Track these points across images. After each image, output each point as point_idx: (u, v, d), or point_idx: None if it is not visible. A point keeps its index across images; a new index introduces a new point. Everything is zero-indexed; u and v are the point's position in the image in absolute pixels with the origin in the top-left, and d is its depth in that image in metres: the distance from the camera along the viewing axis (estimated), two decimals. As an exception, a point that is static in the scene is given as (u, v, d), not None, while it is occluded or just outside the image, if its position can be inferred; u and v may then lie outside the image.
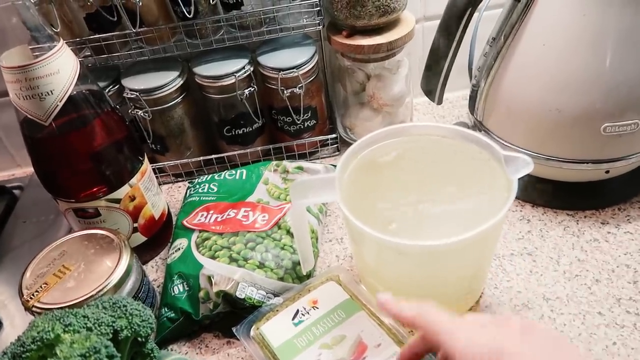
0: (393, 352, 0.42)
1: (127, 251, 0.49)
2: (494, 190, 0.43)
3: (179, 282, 0.51)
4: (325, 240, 0.59)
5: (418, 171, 0.49)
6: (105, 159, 0.52)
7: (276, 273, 0.50)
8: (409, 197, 0.47)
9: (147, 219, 0.57)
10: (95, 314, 0.38)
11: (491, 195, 0.43)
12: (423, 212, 0.46)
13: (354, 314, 0.45)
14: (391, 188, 0.48)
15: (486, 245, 0.43)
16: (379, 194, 0.48)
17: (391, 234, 0.40)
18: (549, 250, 0.53)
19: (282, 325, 0.45)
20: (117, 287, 0.47)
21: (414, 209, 0.46)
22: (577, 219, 0.56)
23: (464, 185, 0.47)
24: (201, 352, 0.49)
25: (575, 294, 0.49)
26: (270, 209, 0.56)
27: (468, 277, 0.45)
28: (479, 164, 0.46)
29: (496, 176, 0.44)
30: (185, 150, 0.69)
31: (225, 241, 0.52)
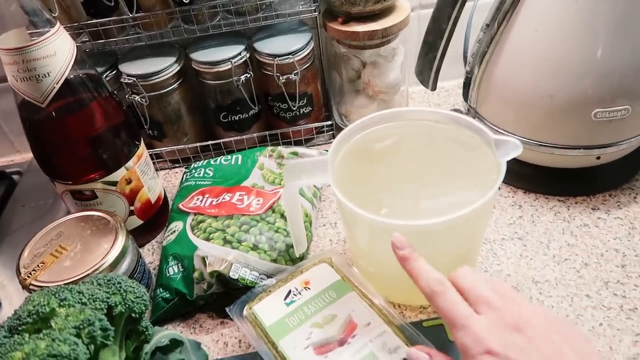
0: (382, 330, 0.43)
1: (122, 232, 0.50)
2: (485, 174, 0.44)
3: (173, 264, 0.51)
4: (319, 225, 0.59)
5: (410, 155, 0.49)
6: (102, 142, 0.52)
7: (269, 255, 0.51)
8: (401, 180, 0.48)
9: (143, 203, 0.58)
10: (90, 290, 0.39)
11: (481, 179, 0.44)
12: (415, 195, 0.47)
13: (345, 294, 0.46)
14: (384, 171, 0.49)
15: (476, 225, 0.44)
16: (372, 177, 0.49)
17: (383, 216, 0.40)
18: (540, 235, 0.54)
19: (274, 305, 0.46)
20: (113, 267, 0.47)
21: (406, 192, 0.47)
22: (568, 205, 0.57)
23: (455, 169, 0.47)
24: (195, 332, 0.50)
25: (564, 277, 0.50)
26: (264, 193, 0.57)
27: (459, 258, 0.45)
28: (470, 148, 0.46)
29: (487, 160, 0.44)
30: (182, 136, 0.69)
31: (220, 224, 0.53)
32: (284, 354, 0.42)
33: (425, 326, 0.46)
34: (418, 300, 0.49)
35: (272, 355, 0.43)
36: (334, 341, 0.42)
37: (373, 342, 0.42)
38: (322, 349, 0.42)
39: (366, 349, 0.42)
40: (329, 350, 0.42)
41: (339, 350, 0.42)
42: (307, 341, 0.43)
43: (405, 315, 0.49)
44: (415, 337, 0.42)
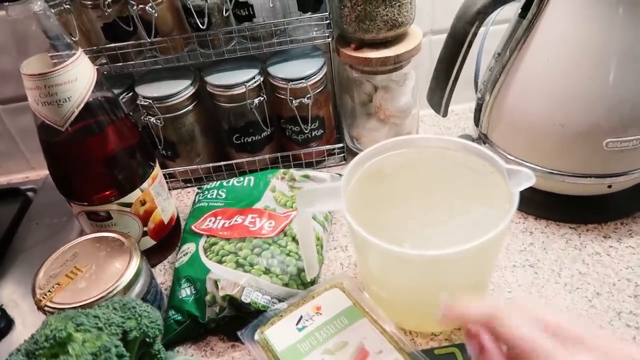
0: (394, 358, 0.43)
1: (137, 254, 0.50)
2: (497, 202, 0.44)
3: (186, 286, 0.52)
4: (330, 248, 0.60)
5: (422, 182, 0.50)
6: (118, 164, 0.53)
7: (281, 279, 0.51)
8: (413, 207, 0.48)
9: (156, 223, 0.58)
10: (105, 314, 0.40)
11: (493, 207, 0.44)
12: (427, 223, 0.47)
13: (356, 320, 0.46)
14: (396, 198, 0.49)
15: (488, 255, 0.44)
16: (384, 204, 0.49)
17: (395, 243, 0.41)
18: (551, 263, 0.54)
19: (286, 330, 0.46)
20: (127, 288, 0.48)
21: (418, 220, 0.47)
22: (580, 232, 0.57)
23: (467, 197, 0.48)
24: (206, 355, 0.51)
25: (575, 306, 0.50)
26: (276, 216, 0.57)
27: (470, 286, 0.46)
28: (482, 176, 0.47)
29: (499, 188, 0.45)
30: (195, 156, 0.70)
31: (232, 246, 0.54)
32: None
33: (436, 354, 0.46)
34: (429, 327, 0.49)
35: None
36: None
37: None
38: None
39: None
40: None
41: None
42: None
43: (416, 342, 0.49)
44: None
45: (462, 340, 0.48)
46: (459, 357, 0.46)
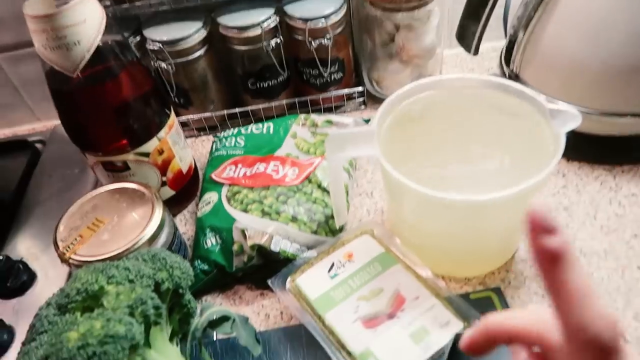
0: (432, 304, 0.42)
1: (159, 204, 0.49)
2: (538, 145, 0.42)
3: (211, 235, 0.50)
4: (355, 195, 0.58)
5: (457, 125, 0.47)
6: (133, 112, 0.51)
7: (309, 227, 0.50)
8: (449, 151, 0.46)
9: (175, 173, 0.56)
10: (135, 266, 0.38)
11: (535, 150, 0.42)
12: (465, 167, 0.45)
13: (390, 267, 0.45)
14: (430, 143, 0.47)
15: (531, 198, 0.42)
16: (418, 149, 0.47)
17: (433, 188, 0.39)
18: (586, 205, 0.52)
19: (318, 278, 0.45)
20: (152, 240, 0.46)
21: (455, 164, 0.46)
22: (614, 174, 0.55)
23: (506, 139, 0.45)
24: (235, 304, 0.50)
25: (613, 248, 0.48)
26: (300, 163, 0.55)
27: (509, 231, 0.44)
28: (520, 116, 0.44)
29: (540, 129, 0.42)
30: (208, 103, 0.67)
31: (257, 195, 0.52)
32: (332, 327, 0.41)
33: (472, 298, 0.46)
34: (463, 271, 0.48)
35: (319, 328, 0.42)
36: (382, 315, 0.42)
37: (423, 316, 0.41)
38: (371, 323, 0.41)
39: (417, 323, 0.41)
40: (378, 324, 0.41)
41: (389, 324, 0.41)
42: (354, 315, 0.42)
43: (450, 287, 0.48)
44: (464, 309, 0.42)
45: (497, 284, 0.47)
46: (496, 301, 0.45)
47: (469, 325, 0.41)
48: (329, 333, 0.42)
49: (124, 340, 0.31)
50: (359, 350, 0.40)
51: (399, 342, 0.40)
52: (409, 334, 0.40)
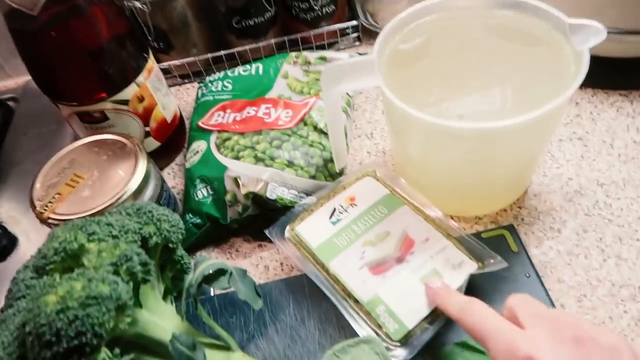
0: (443, 245, 0.39)
1: (143, 156, 0.45)
2: (556, 69, 0.38)
3: (202, 186, 0.47)
4: (354, 136, 0.54)
5: (465, 50, 0.43)
6: (107, 55, 0.46)
7: (307, 171, 0.46)
8: (457, 79, 0.42)
9: (159, 122, 0.52)
10: (119, 221, 0.35)
11: (552, 75, 0.38)
12: (475, 95, 0.41)
13: (396, 209, 0.42)
14: (436, 71, 0.43)
15: (548, 126, 0.38)
16: (422, 79, 0.43)
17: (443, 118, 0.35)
18: (601, 134, 0.49)
19: (319, 225, 0.42)
20: (137, 194, 0.43)
21: (465, 92, 0.42)
22: (631, 99, 0.51)
23: (520, 63, 0.41)
24: (232, 257, 0.47)
25: (632, 177, 0.45)
26: (293, 105, 0.51)
27: (522, 164, 0.41)
28: (535, 36, 0.40)
29: (559, 49, 0.38)
30: (190, 47, 0.62)
31: (248, 141, 0.48)
32: (337, 276, 0.39)
33: (485, 237, 0.43)
34: (473, 210, 0.45)
35: (323, 277, 0.39)
36: (390, 259, 0.39)
37: (434, 259, 0.38)
38: (378, 268, 0.38)
39: (427, 265, 0.38)
40: (387, 269, 0.38)
41: (397, 269, 0.38)
42: (360, 261, 0.39)
43: (461, 227, 0.45)
44: (477, 249, 0.39)
45: (509, 222, 0.44)
46: (509, 239, 0.42)
47: (484, 265, 0.38)
48: (333, 282, 0.39)
49: (109, 301, 0.28)
50: (367, 298, 0.37)
51: (409, 287, 0.37)
52: (420, 278, 0.37)
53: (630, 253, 0.41)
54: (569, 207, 0.44)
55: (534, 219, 0.44)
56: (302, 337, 0.39)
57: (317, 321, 0.40)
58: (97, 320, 0.27)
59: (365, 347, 0.35)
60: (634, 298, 0.38)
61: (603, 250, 0.41)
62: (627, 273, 0.40)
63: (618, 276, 0.40)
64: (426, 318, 0.36)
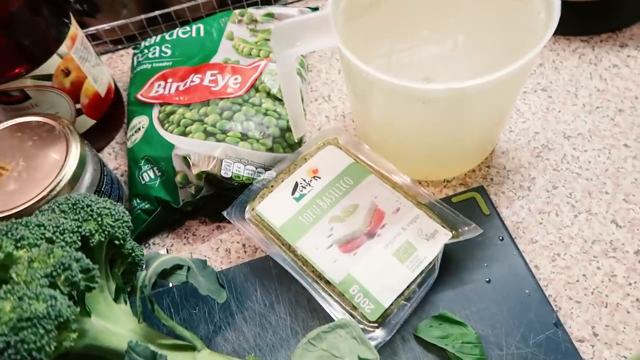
0: (414, 215, 0.37)
1: (75, 138, 0.39)
2: (523, 13, 0.35)
3: (147, 168, 0.42)
4: (310, 100, 0.50)
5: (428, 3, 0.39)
6: (19, 23, 0.39)
7: (263, 144, 0.42)
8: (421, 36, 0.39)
9: (90, 98, 0.46)
10: (52, 220, 0.30)
11: (518, 19, 0.35)
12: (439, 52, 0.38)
13: (362, 179, 0.39)
14: (398, 28, 0.39)
15: (519, 83, 0.36)
16: (385, 36, 0.39)
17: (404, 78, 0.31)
18: (565, 83, 0.47)
19: (281, 203, 0.39)
20: (73, 183, 0.38)
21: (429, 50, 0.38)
22: (593, 45, 0.49)
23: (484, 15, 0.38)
24: (189, 242, 0.43)
25: (597, 127, 0.44)
26: (242, 70, 0.46)
27: (492, 122, 0.38)
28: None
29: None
30: (120, 7, 0.55)
31: (195, 113, 0.43)
32: (305, 256, 0.36)
33: (455, 202, 0.41)
34: (441, 173, 0.43)
35: (290, 259, 0.36)
36: (360, 235, 0.36)
37: (407, 230, 0.36)
38: (348, 246, 0.36)
39: (400, 238, 0.36)
40: (358, 246, 0.36)
41: (369, 245, 0.36)
42: (329, 239, 0.36)
43: (429, 192, 0.43)
44: (450, 216, 0.37)
45: (479, 183, 0.43)
46: (480, 202, 0.41)
47: (458, 234, 0.36)
48: (302, 264, 0.36)
49: (46, 321, 0.24)
50: (339, 279, 0.35)
51: (383, 263, 0.35)
52: (393, 252, 0.35)
53: (600, 207, 0.40)
54: (537, 163, 0.43)
55: (503, 178, 0.43)
56: (273, 324, 0.37)
57: (287, 305, 0.37)
58: (35, 345, 0.24)
59: (342, 332, 0.32)
60: (606, 253, 0.38)
61: (573, 206, 0.40)
62: (598, 228, 0.39)
63: (589, 232, 0.39)
64: (402, 294, 0.34)
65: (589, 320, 0.35)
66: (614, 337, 0.35)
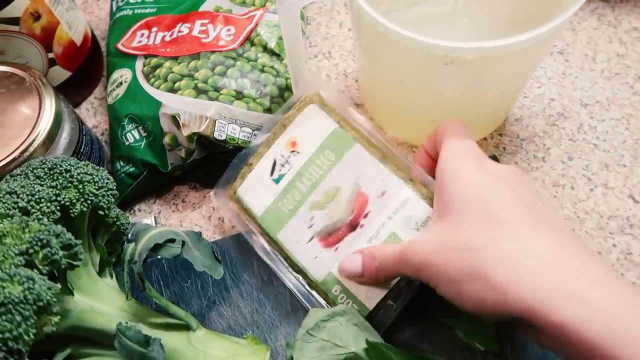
0: (403, 198, 0.31)
1: (48, 92, 0.35)
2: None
3: (132, 127, 0.38)
4: (309, 57, 0.46)
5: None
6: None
7: (260, 103, 0.39)
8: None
9: (65, 46, 0.41)
10: (26, 187, 0.26)
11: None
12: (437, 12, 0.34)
13: (346, 150, 0.32)
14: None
15: (548, 45, 0.33)
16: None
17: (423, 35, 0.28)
18: (583, 47, 0.44)
19: (260, 185, 0.34)
20: (48, 143, 0.34)
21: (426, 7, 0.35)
22: (613, 5, 0.46)
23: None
24: (178, 209, 0.40)
25: (616, 95, 0.42)
26: (235, 20, 0.42)
27: (512, 88, 0.35)
28: None
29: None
30: (95, -55, 0.49)
31: (184, 67, 0.39)
32: (287, 251, 0.32)
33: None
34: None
35: (274, 252, 0.33)
36: (342, 226, 0.31)
37: (393, 220, 0.30)
38: (329, 240, 0.31)
39: (385, 230, 0.30)
40: (339, 240, 0.31)
41: (350, 239, 0.31)
42: (309, 230, 0.32)
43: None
44: None
45: (491, 152, 0.40)
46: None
47: None
48: (284, 258, 0.33)
49: (23, 306, 0.21)
50: (321, 277, 0.31)
51: None
52: None
53: (617, 181, 0.38)
54: (552, 132, 0.40)
55: (517, 147, 0.40)
56: (271, 299, 0.34)
57: (286, 280, 0.35)
58: (11, 334, 0.21)
59: (342, 320, 0.29)
60: (623, 230, 0.36)
61: (589, 179, 0.38)
62: (615, 203, 0.37)
63: (606, 207, 0.37)
64: (389, 295, 0.30)
65: (603, 299, 0.34)
66: (628, 316, 0.33)
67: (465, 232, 0.24)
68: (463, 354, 0.31)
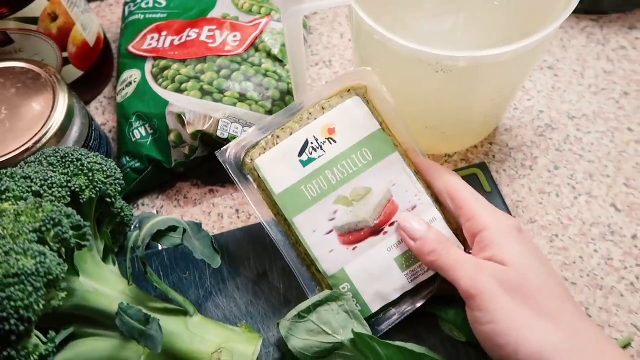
0: (432, 217, 0.32)
1: (62, 88, 0.37)
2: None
3: (139, 125, 0.40)
4: (311, 64, 0.48)
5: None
6: (2, -41, 0.36)
7: (262, 106, 0.41)
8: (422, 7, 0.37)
9: (79, 46, 0.44)
10: (40, 173, 0.28)
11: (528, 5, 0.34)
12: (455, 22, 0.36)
13: (385, 156, 0.32)
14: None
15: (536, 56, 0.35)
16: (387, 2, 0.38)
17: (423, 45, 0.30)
18: (572, 63, 0.46)
19: (284, 162, 0.32)
20: (60, 135, 0.36)
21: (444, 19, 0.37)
22: (602, 25, 0.48)
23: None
24: (180, 205, 0.42)
25: (602, 109, 0.44)
26: (241, 27, 0.44)
27: (503, 96, 0.37)
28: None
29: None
30: (111, -47, 0.52)
31: (191, 70, 0.41)
32: (300, 236, 0.32)
33: (457, 178, 0.40)
34: (443, 147, 0.42)
35: (284, 233, 0.32)
36: (365, 227, 0.31)
37: None
38: (349, 237, 0.32)
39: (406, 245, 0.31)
40: (359, 240, 0.32)
41: (371, 242, 0.31)
42: (330, 223, 0.31)
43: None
44: None
45: (481, 159, 0.42)
46: (482, 178, 0.40)
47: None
48: (295, 242, 0.32)
49: (35, 278, 0.23)
50: (331, 272, 0.31)
51: (381, 267, 0.31)
52: (395, 258, 0.31)
53: (601, 190, 0.40)
54: (540, 142, 0.42)
55: (506, 155, 0.42)
56: (266, 292, 0.36)
57: (281, 274, 0.36)
58: (22, 303, 0.22)
59: (334, 305, 0.31)
60: (604, 237, 0.38)
61: (574, 187, 0.40)
62: (598, 211, 0.39)
63: (589, 214, 0.39)
64: (393, 303, 0.32)
65: (584, 302, 0.35)
66: (607, 319, 0.35)
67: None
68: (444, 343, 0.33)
